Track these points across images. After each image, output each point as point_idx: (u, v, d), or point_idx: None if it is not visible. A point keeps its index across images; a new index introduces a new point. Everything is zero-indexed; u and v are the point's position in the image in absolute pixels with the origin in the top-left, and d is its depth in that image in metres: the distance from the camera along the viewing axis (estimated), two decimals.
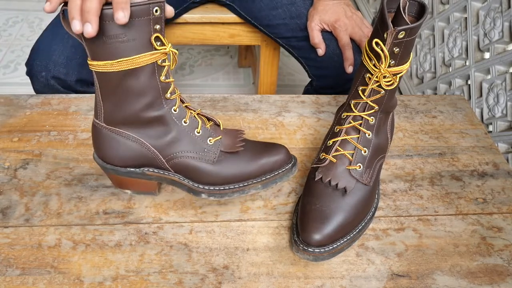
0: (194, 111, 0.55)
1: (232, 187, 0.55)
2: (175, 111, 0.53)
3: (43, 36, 0.83)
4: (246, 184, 0.55)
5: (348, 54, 0.84)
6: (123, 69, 0.46)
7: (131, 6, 0.43)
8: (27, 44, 1.77)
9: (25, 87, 0.86)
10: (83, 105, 0.74)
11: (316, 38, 0.85)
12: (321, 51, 0.85)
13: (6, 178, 0.62)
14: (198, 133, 0.54)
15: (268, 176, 0.56)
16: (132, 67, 0.47)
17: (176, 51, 0.50)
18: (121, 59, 0.46)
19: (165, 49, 0.48)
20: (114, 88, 0.49)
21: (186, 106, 0.54)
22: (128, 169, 0.55)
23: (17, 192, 0.60)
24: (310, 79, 0.97)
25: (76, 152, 0.66)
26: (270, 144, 0.58)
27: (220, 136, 0.55)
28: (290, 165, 0.57)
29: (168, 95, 0.51)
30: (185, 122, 0.53)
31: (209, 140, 0.54)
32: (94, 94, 0.78)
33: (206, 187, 0.55)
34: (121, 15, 0.42)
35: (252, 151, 0.56)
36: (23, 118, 0.71)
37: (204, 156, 0.54)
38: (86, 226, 0.57)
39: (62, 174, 0.63)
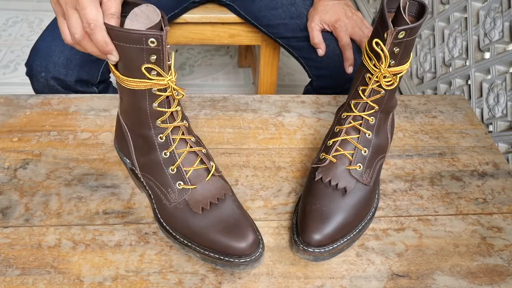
0: (189, 146, 0.52)
1: (176, 235, 0.52)
2: (160, 139, 0.52)
3: (42, 36, 0.83)
4: (188, 243, 0.51)
5: (348, 54, 0.84)
6: (124, 85, 0.49)
7: (126, 33, 0.44)
8: (27, 44, 1.77)
9: (25, 87, 0.86)
10: (83, 105, 0.74)
11: (316, 38, 0.85)
12: (321, 51, 0.85)
13: (6, 178, 0.62)
14: (172, 171, 0.52)
15: (211, 254, 0.50)
16: (127, 87, 0.48)
17: (181, 90, 0.50)
18: (122, 77, 0.48)
19: (161, 81, 0.47)
20: (125, 95, 0.52)
21: (184, 141, 0.52)
22: (126, 159, 0.58)
23: (17, 192, 0.60)
24: (310, 79, 0.97)
25: (76, 152, 0.66)
26: (240, 225, 0.50)
27: (193, 186, 0.51)
28: (243, 260, 0.49)
29: (158, 122, 0.51)
30: (165, 154, 0.52)
31: (178, 184, 0.52)
32: (94, 95, 0.78)
33: (161, 220, 0.54)
34: (112, 58, 0.47)
35: (216, 219, 0.51)
36: (23, 118, 0.71)
37: (166, 197, 0.52)
38: (86, 226, 0.57)
39: (62, 174, 0.63)
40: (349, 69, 0.84)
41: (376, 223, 0.60)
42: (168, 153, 0.52)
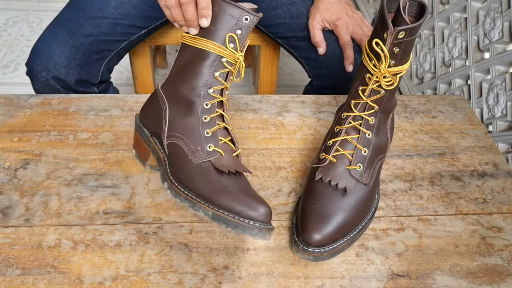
0: (225, 123, 0.56)
1: (188, 194, 0.53)
2: (206, 105, 0.55)
3: (43, 36, 0.83)
4: (200, 201, 0.52)
5: (349, 53, 0.84)
6: (197, 46, 0.54)
7: (229, 3, 0.52)
8: (27, 44, 1.77)
9: (25, 87, 0.86)
10: (83, 105, 0.74)
11: (317, 36, 0.85)
12: (321, 50, 0.86)
13: (6, 178, 0.62)
14: (207, 134, 0.55)
15: (226, 213, 0.50)
16: (201, 47, 0.54)
17: (243, 64, 0.55)
18: (199, 37, 0.54)
19: (234, 54, 0.53)
20: (184, 61, 0.56)
21: (222, 116, 0.56)
22: (144, 129, 0.61)
23: (17, 192, 0.60)
24: (310, 79, 0.97)
25: (76, 152, 0.66)
26: (257, 197, 0.52)
27: (220, 153, 0.54)
28: (257, 225, 0.49)
29: (210, 90, 0.55)
30: (205, 119, 0.55)
31: (209, 146, 0.54)
32: (94, 95, 0.78)
33: (173, 180, 0.55)
34: (204, 22, 0.53)
35: (237, 184, 0.53)
36: (23, 118, 0.71)
37: (194, 154, 0.54)
38: (86, 226, 0.57)
39: (62, 174, 0.63)
40: (349, 68, 0.85)
41: (376, 223, 0.60)
42: (208, 118, 0.55)
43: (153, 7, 0.86)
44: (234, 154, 0.56)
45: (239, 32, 0.53)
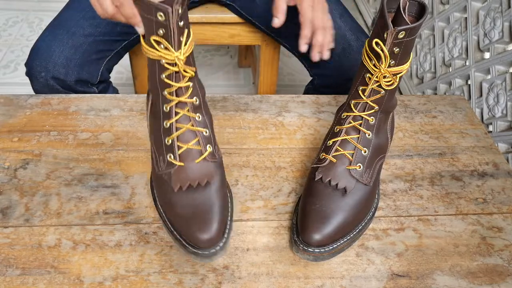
0: (190, 125, 0.52)
1: (157, 201, 0.54)
2: (165, 109, 0.52)
3: (42, 36, 0.83)
4: (162, 212, 0.52)
5: (306, 32, 0.75)
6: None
7: (142, 4, 0.47)
8: (27, 44, 1.77)
9: (25, 87, 0.86)
10: (83, 105, 0.74)
11: (280, 7, 0.75)
12: (277, 20, 0.75)
13: (6, 178, 0.62)
14: (168, 143, 0.52)
15: (174, 232, 0.50)
16: (143, 52, 0.51)
17: (189, 69, 0.50)
18: (142, 42, 0.51)
19: (169, 55, 0.48)
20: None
21: (187, 118, 0.52)
22: None
23: (17, 192, 0.60)
24: (311, 78, 0.97)
25: (76, 152, 0.66)
26: (204, 218, 0.49)
27: (180, 164, 0.51)
28: (193, 250, 0.48)
29: (165, 92, 0.51)
30: (165, 124, 0.52)
31: (169, 156, 0.52)
32: (94, 95, 0.78)
33: (151, 181, 0.56)
34: (139, 30, 0.52)
35: (187, 203, 0.50)
36: (23, 118, 0.71)
37: (158, 162, 0.53)
38: (86, 226, 0.57)
39: (62, 174, 0.63)
40: (303, 47, 0.76)
41: (376, 223, 0.60)
42: (168, 124, 0.52)
43: None
44: (200, 159, 0.52)
45: (161, 32, 0.46)
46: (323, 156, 0.57)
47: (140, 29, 0.51)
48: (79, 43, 0.81)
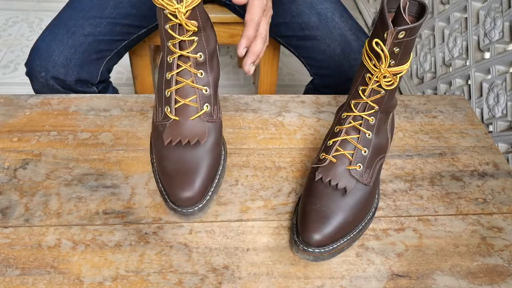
0: (190, 81, 0.52)
1: (152, 150, 0.55)
2: (169, 60, 0.52)
3: (42, 36, 0.83)
4: (153, 162, 0.54)
5: (251, 33, 0.66)
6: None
7: None
8: (27, 44, 1.77)
9: (25, 87, 0.86)
10: (83, 105, 0.74)
11: None
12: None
13: (5, 178, 0.62)
14: (167, 94, 0.52)
15: (160, 184, 0.51)
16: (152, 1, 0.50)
17: (190, 23, 0.50)
18: None
19: (171, 6, 0.47)
20: None
21: (189, 73, 0.52)
22: None
23: (17, 192, 0.60)
24: (311, 78, 0.97)
25: (76, 152, 0.66)
26: (186, 177, 0.50)
27: (175, 118, 0.51)
28: (173, 205, 0.50)
29: (169, 43, 0.51)
30: (167, 76, 0.52)
31: (166, 108, 0.52)
32: (93, 95, 0.78)
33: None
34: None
35: (173, 159, 0.51)
36: (23, 118, 0.71)
37: (156, 114, 0.54)
38: (86, 226, 0.57)
39: (62, 174, 0.63)
40: (242, 50, 0.66)
41: (376, 223, 0.60)
42: (169, 76, 0.52)
43: (152, 6, 0.85)
44: (193, 117, 0.51)
45: None
46: (323, 156, 0.57)
47: None
48: (79, 43, 0.81)
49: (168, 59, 0.52)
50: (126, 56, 1.01)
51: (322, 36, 0.86)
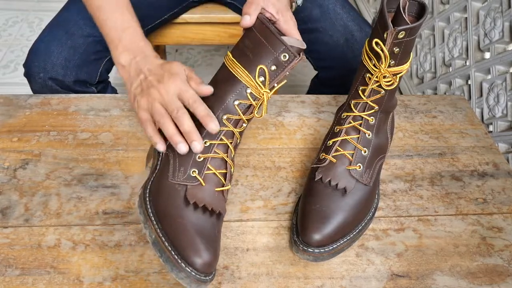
0: (226, 155, 0.52)
1: (148, 208, 0.50)
2: (221, 139, 0.52)
3: (41, 37, 0.82)
4: (153, 220, 0.49)
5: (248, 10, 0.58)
6: (229, 68, 0.53)
7: (274, 35, 0.49)
8: (27, 44, 1.76)
9: (25, 87, 0.86)
10: (82, 105, 0.74)
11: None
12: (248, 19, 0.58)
13: (5, 178, 0.62)
14: (198, 159, 0.51)
15: (165, 244, 0.46)
16: (231, 71, 0.53)
17: (265, 102, 0.51)
18: (235, 61, 0.53)
19: (260, 88, 0.50)
20: (216, 79, 0.56)
21: (226, 147, 0.52)
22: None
23: (17, 192, 0.60)
24: (311, 78, 0.96)
25: (76, 152, 0.66)
26: (207, 244, 0.47)
27: (200, 182, 0.50)
28: (187, 269, 0.45)
29: (224, 117, 0.52)
30: (205, 143, 0.51)
31: (192, 171, 0.51)
32: (93, 94, 0.78)
33: (147, 189, 0.52)
34: (213, 127, 0.50)
35: (194, 221, 0.48)
36: (22, 118, 0.71)
37: (174, 174, 0.51)
38: (86, 226, 0.57)
39: (61, 174, 0.63)
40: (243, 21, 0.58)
41: (376, 223, 0.60)
42: (209, 143, 0.52)
43: (150, 6, 0.85)
44: (218, 189, 0.51)
45: (273, 67, 0.49)
46: (323, 156, 0.57)
47: (214, 126, 0.50)
48: (78, 44, 0.81)
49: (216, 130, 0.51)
50: None
51: (324, 27, 0.86)
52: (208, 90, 0.53)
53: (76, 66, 0.81)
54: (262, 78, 0.50)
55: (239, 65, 0.51)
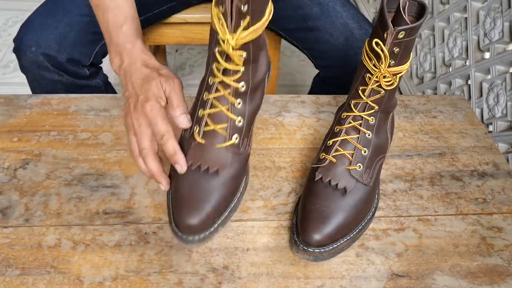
0: (226, 108, 0.50)
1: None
2: (210, 81, 0.50)
3: (36, 12, 0.80)
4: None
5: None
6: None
7: None
8: None
9: (25, 87, 0.86)
10: (83, 105, 0.74)
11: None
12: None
13: (5, 178, 0.62)
14: (200, 114, 0.50)
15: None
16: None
17: (238, 54, 0.48)
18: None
19: (222, 33, 0.46)
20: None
21: (226, 100, 0.50)
22: None
23: (17, 192, 0.60)
24: (311, 78, 0.96)
25: (76, 152, 0.66)
26: (196, 206, 0.48)
27: (201, 141, 0.50)
28: (174, 230, 0.48)
29: (213, 65, 0.50)
30: (205, 96, 0.50)
31: (196, 127, 0.50)
32: (94, 94, 0.78)
33: None
34: (179, 168, 0.50)
35: (188, 183, 0.49)
36: (23, 118, 0.71)
37: (187, 130, 0.52)
38: (86, 226, 0.57)
39: (61, 174, 0.63)
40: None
41: (376, 223, 0.60)
42: (206, 97, 0.50)
43: None
44: (221, 145, 0.50)
45: (221, 7, 0.45)
46: (323, 156, 0.57)
47: (182, 166, 0.49)
48: (75, 21, 0.78)
49: (209, 81, 0.50)
50: None
51: (324, 26, 0.86)
52: (185, 123, 0.52)
53: (71, 44, 0.78)
54: (220, 21, 0.46)
55: (213, 12, 0.48)
